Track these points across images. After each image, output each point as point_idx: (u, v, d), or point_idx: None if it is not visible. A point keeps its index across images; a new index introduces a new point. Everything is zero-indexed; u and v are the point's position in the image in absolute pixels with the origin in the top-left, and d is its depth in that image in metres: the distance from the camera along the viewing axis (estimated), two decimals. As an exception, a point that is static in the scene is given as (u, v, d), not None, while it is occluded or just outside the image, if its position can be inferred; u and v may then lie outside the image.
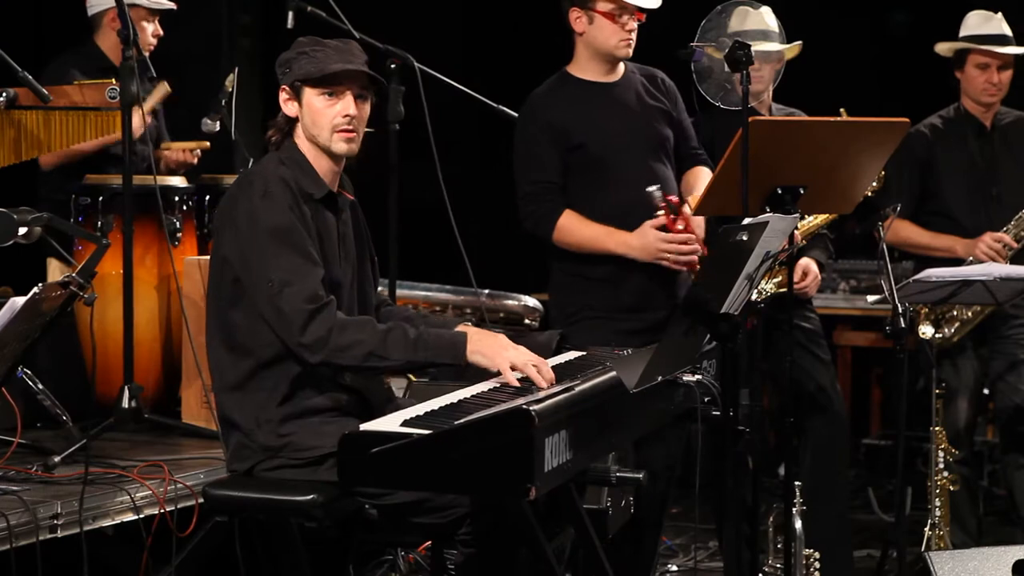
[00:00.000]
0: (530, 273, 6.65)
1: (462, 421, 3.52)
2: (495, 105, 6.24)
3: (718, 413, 4.21)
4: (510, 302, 7.07)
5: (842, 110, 5.70)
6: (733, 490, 4.38)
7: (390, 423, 3.62)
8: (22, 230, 3.67)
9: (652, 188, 5.26)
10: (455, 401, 3.85)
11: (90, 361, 5.54)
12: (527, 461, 3.37)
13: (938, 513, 5.83)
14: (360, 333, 4.04)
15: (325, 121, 4.22)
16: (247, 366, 4.19)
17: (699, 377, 4.18)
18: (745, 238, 3.82)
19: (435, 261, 7.04)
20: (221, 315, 4.23)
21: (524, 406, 3.38)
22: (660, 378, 3.85)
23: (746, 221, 4.03)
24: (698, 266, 5.21)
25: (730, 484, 4.32)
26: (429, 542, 4.96)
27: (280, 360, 4.15)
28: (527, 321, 7.02)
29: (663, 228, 5.23)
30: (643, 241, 5.24)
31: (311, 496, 4.03)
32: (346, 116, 4.22)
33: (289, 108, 4.24)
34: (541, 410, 3.40)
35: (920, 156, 6.24)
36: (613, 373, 3.86)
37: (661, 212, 5.23)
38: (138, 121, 5.44)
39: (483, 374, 4.15)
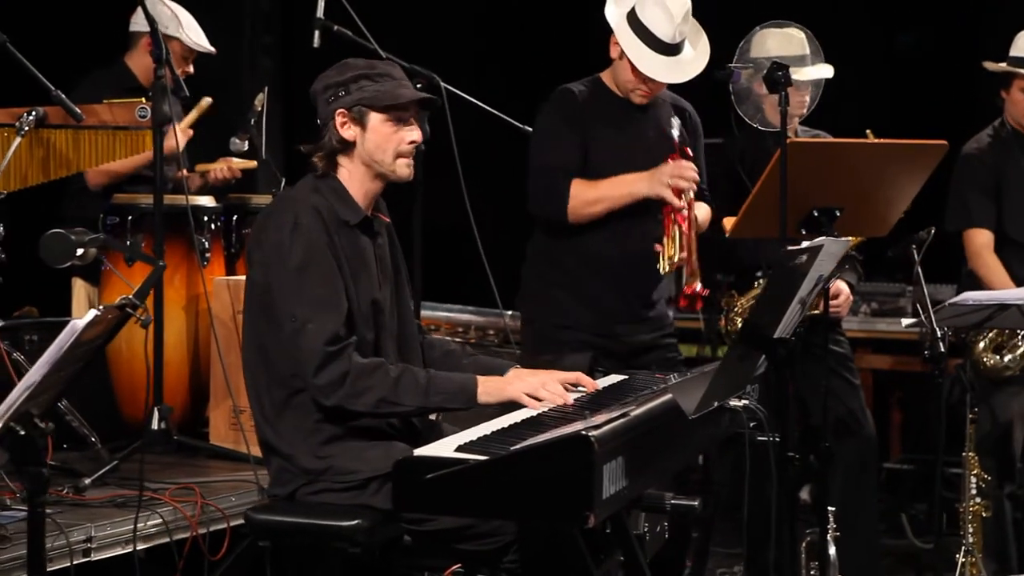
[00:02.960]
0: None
1: (519, 447, 3.47)
2: (520, 125, 6.20)
3: (765, 438, 4.18)
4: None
5: (868, 132, 5.67)
6: (782, 515, 4.34)
7: (444, 448, 3.57)
8: (79, 251, 3.63)
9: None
10: (506, 426, 3.81)
11: (126, 382, 5.50)
12: (586, 488, 3.32)
13: (971, 539, 5.79)
14: (372, 379, 4.02)
15: (391, 146, 4.20)
16: (285, 390, 4.15)
17: (745, 402, 4.14)
18: (802, 261, 3.79)
19: (458, 281, 7.01)
20: (258, 340, 4.20)
21: (583, 432, 3.33)
22: (716, 403, 3.82)
23: (804, 244, 4.00)
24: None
25: (777, 509, 4.28)
26: (457, 565, 4.91)
27: None
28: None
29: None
30: (650, 173, 5.19)
31: (356, 521, 3.99)
32: (412, 142, 4.21)
33: (347, 131, 4.19)
34: (600, 436, 3.35)
35: (988, 176, 6.16)
36: (665, 398, 3.83)
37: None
38: (182, 138, 5.40)
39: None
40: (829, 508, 5.24)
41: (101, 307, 3.07)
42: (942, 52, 8.64)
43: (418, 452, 3.57)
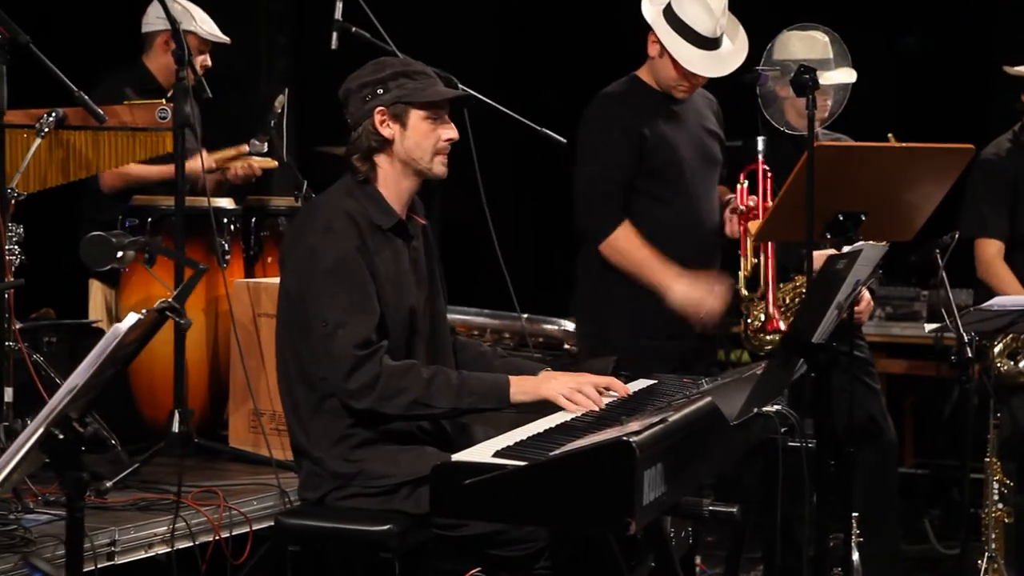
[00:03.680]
0: (570, 296, 6.58)
1: (558, 452, 3.44)
2: (538, 128, 6.17)
3: (796, 444, 4.15)
4: (549, 326, 6.97)
5: (890, 135, 5.64)
6: (818, 521, 4.32)
7: (482, 453, 3.54)
8: (119, 253, 3.60)
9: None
10: (542, 431, 3.77)
11: (145, 384, 5.48)
12: (627, 494, 3.28)
13: (993, 546, 5.76)
14: (404, 381, 4.00)
15: (430, 144, 4.19)
16: (317, 394, 4.13)
17: (777, 407, 4.12)
18: (841, 267, 3.76)
19: (474, 284, 6.98)
20: (291, 344, 4.19)
21: (624, 438, 3.30)
22: (756, 410, 3.79)
23: (845, 249, 3.98)
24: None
25: (812, 512, 4.26)
26: (477, 569, 4.89)
27: None
28: (567, 346, 6.91)
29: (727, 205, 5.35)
30: (686, 288, 5.24)
31: (387, 526, 3.98)
32: (448, 140, 4.20)
33: (386, 129, 4.17)
34: (641, 441, 3.31)
35: (1008, 182, 6.14)
36: (701, 404, 3.79)
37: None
38: (208, 163, 5.40)
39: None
40: (853, 514, 5.22)
41: (144, 311, 3.04)
42: (946, 54, 8.62)
43: (456, 457, 3.53)
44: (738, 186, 5.38)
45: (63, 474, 3.16)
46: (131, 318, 3.02)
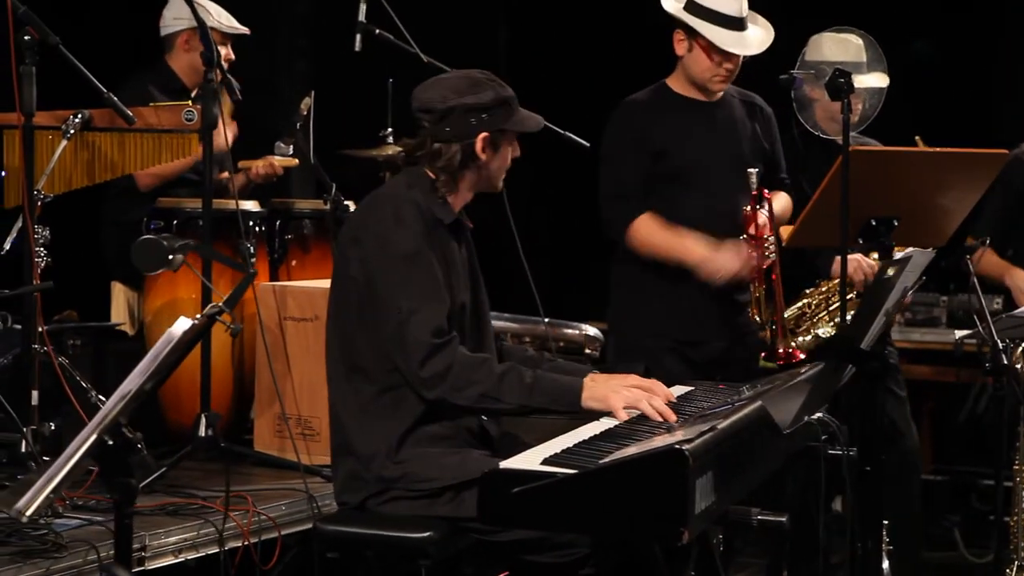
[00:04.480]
0: (591, 301, 6.54)
1: (608, 460, 3.40)
2: (561, 131, 6.14)
3: (838, 452, 4.12)
4: (570, 331, 6.93)
5: (917, 138, 5.63)
6: (861, 529, 4.29)
7: (530, 461, 3.49)
8: (170, 257, 3.57)
9: (752, 171, 5.27)
10: (588, 438, 3.73)
11: (170, 387, 5.44)
12: (680, 503, 3.24)
13: (1022, 554, 5.72)
14: (477, 373, 3.98)
15: (506, 166, 4.26)
16: (371, 390, 4.09)
17: (819, 414, 4.09)
18: (891, 274, 3.73)
19: (496, 288, 6.93)
20: (345, 337, 4.14)
21: (677, 446, 3.26)
22: (807, 417, 3.76)
23: (896, 255, 3.96)
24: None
25: (850, 520, 4.24)
26: (505, 573, 4.85)
27: (406, 384, 4.05)
28: (588, 351, 6.87)
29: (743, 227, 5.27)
30: (706, 254, 5.24)
31: (428, 533, 3.93)
32: (514, 157, 4.26)
33: (484, 153, 4.16)
34: (693, 449, 3.28)
35: (1017, 189, 6.12)
36: (751, 410, 3.75)
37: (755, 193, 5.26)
38: (229, 134, 5.35)
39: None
40: (884, 522, 5.18)
41: (198, 316, 3.01)
42: (953, 58, 8.60)
43: (504, 465, 3.49)
44: (743, 210, 5.33)
45: (112, 480, 3.12)
46: (184, 322, 2.99)
